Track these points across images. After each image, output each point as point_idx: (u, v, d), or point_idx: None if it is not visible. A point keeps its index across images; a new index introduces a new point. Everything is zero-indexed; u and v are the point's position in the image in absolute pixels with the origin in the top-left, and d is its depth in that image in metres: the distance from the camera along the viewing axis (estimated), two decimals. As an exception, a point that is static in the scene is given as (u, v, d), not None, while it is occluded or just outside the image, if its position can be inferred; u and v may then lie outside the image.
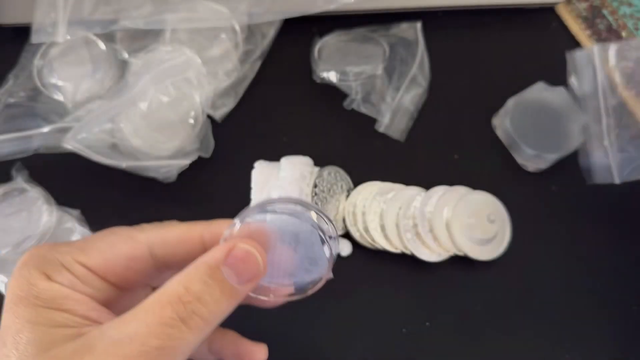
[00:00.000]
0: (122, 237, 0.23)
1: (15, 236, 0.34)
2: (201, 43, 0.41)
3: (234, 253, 0.20)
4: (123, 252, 0.22)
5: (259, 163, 0.39)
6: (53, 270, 0.20)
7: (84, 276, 0.21)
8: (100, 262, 0.21)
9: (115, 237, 0.23)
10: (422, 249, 0.36)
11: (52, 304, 0.19)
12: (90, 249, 0.22)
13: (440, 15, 0.45)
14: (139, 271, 0.22)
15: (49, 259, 0.21)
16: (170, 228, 0.23)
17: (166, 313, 0.18)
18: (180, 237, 0.23)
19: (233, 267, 0.20)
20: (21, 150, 0.38)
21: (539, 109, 0.39)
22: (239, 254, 0.20)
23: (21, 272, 0.20)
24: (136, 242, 0.22)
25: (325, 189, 0.37)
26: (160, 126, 0.38)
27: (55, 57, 0.40)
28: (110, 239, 0.23)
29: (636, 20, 0.45)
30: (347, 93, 0.41)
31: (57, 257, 0.21)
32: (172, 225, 0.23)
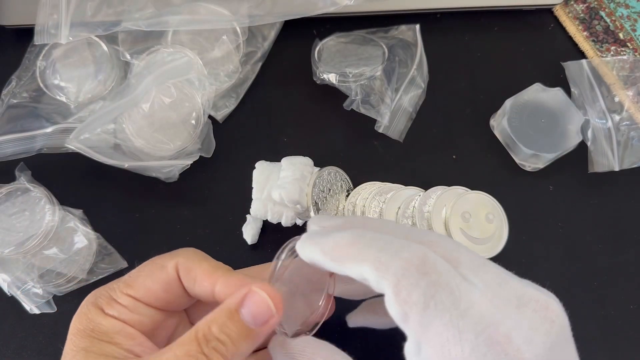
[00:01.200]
0: (157, 265, 0.26)
1: (18, 236, 0.35)
2: (203, 45, 0.41)
3: (250, 297, 0.22)
4: (160, 279, 0.25)
5: (260, 163, 0.39)
6: (106, 304, 0.24)
7: (132, 305, 0.24)
8: (143, 291, 0.25)
9: (152, 266, 0.26)
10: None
11: (104, 337, 0.23)
12: (133, 281, 0.25)
13: (439, 17, 0.46)
14: (176, 294, 0.26)
15: (102, 294, 0.25)
16: (196, 263, 0.25)
17: (193, 348, 0.21)
18: (201, 275, 0.25)
19: (249, 310, 0.22)
20: (24, 150, 0.38)
21: (536, 110, 0.40)
22: (255, 298, 0.22)
23: (82, 308, 0.24)
24: (167, 268, 0.25)
25: (325, 189, 0.38)
26: (162, 127, 0.38)
27: (58, 58, 0.40)
28: (149, 268, 0.26)
29: (633, 21, 0.45)
30: (346, 94, 0.42)
31: (109, 292, 0.25)
32: (199, 261, 0.25)
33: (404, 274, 0.19)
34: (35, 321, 0.36)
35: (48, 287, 0.36)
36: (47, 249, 0.35)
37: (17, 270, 0.35)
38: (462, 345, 0.18)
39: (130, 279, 0.25)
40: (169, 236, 0.39)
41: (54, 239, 0.35)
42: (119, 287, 0.25)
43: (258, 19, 0.41)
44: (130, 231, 0.39)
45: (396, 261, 0.20)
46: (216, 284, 0.24)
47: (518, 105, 0.40)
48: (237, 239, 0.38)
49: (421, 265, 0.20)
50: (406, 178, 0.39)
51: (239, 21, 0.41)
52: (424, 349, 0.19)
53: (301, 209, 0.37)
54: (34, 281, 0.35)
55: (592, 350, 0.35)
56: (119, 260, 0.38)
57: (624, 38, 0.45)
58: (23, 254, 0.35)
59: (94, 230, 0.38)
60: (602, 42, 0.45)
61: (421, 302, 0.19)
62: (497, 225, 0.37)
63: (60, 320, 0.36)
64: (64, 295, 0.37)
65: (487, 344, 0.18)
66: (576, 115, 0.40)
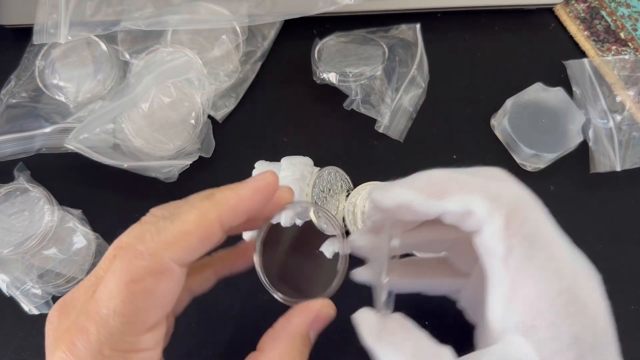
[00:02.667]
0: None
1: (17, 236, 0.35)
2: (202, 44, 0.41)
3: (321, 317, 0.24)
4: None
5: (260, 163, 0.39)
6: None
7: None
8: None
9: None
10: (422, 248, 0.37)
11: None
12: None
13: (439, 17, 0.46)
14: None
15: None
16: (184, 225, 0.23)
17: None
18: (199, 235, 0.23)
19: (317, 329, 0.24)
20: (23, 150, 0.38)
21: (537, 109, 0.40)
22: (325, 317, 0.24)
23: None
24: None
25: (325, 189, 0.38)
26: (161, 127, 0.38)
27: (57, 58, 0.40)
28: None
29: (634, 21, 0.45)
30: (346, 94, 0.41)
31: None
32: (182, 222, 0.22)
33: (516, 206, 0.20)
34: (34, 322, 0.36)
35: (47, 287, 0.36)
36: (46, 249, 0.35)
37: (16, 270, 0.35)
38: (553, 301, 0.19)
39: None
40: (169, 236, 0.39)
41: (53, 239, 0.35)
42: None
43: (258, 18, 0.41)
44: (130, 231, 0.39)
45: (507, 192, 0.21)
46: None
47: (519, 105, 0.40)
48: (236, 239, 0.38)
49: (528, 198, 0.21)
50: (406, 178, 0.39)
51: (239, 21, 0.40)
52: (517, 294, 0.19)
53: (301, 209, 0.37)
54: (33, 281, 0.35)
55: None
56: (118, 260, 0.38)
57: (624, 38, 0.45)
58: (22, 254, 0.35)
59: (93, 231, 0.38)
60: (603, 42, 0.44)
61: (530, 235, 0.19)
62: None
63: (60, 320, 0.36)
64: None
65: (569, 303, 0.19)
66: (577, 115, 0.40)
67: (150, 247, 0.20)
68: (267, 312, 0.36)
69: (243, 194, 0.23)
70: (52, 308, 0.22)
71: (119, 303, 0.19)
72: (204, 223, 0.22)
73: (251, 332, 0.36)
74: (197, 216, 0.21)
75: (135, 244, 0.20)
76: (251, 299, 0.36)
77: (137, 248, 0.20)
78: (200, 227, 0.21)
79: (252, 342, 0.36)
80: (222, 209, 0.22)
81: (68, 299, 0.22)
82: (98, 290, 0.20)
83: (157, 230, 0.21)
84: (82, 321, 0.20)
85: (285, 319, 0.25)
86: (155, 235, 0.21)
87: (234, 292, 0.36)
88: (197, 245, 0.22)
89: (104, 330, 0.19)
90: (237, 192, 0.23)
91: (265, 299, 0.27)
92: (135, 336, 0.20)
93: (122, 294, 0.19)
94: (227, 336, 0.35)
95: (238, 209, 0.23)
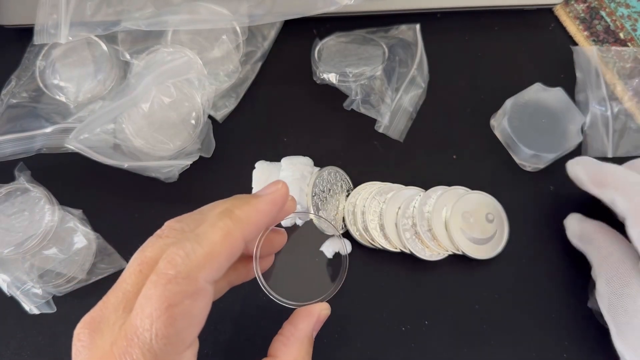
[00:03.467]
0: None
1: (17, 236, 0.35)
2: (202, 44, 0.41)
3: (320, 319, 0.27)
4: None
5: (260, 163, 0.39)
6: None
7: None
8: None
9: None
10: (421, 248, 0.37)
11: None
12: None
13: (439, 17, 0.46)
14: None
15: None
16: (208, 246, 0.23)
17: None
18: (225, 255, 0.23)
19: (317, 329, 0.28)
20: (24, 150, 0.38)
21: (537, 110, 0.40)
22: (324, 319, 0.28)
23: None
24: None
25: (325, 189, 0.38)
26: (161, 127, 0.38)
27: (58, 58, 0.40)
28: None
29: (634, 21, 0.45)
30: (346, 94, 0.41)
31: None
32: (205, 244, 0.23)
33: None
34: (34, 321, 0.36)
35: (47, 287, 0.36)
36: (47, 249, 0.35)
37: (16, 270, 0.35)
38: None
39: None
40: (169, 236, 0.39)
41: (53, 239, 0.35)
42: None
43: (258, 18, 0.41)
44: (130, 231, 0.39)
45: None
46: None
47: (518, 105, 0.40)
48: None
49: None
50: (406, 178, 0.39)
51: (239, 21, 0.41)
52: None
53: (301, 209, 0.37)
54: (33, 281, 0.35)
55: (593, 349, 0.35)
56: (118, 260, 0.38)
57: (624, 38, 0.45)
58: (22, 254, 0.35)
59: (93, 230, 0.38)
60: (603, 42, 0.44)
61: None
62: (498, 225, 0.37)
63: (60, 320, 0.36)
64: (64, 296, 0.37)
65: None
66: (577, 115, 0.40)
67: (183, 271, 0.21)
68: (267, 312, 0.36)
69: (262, 209, 0.24)
70: (80, 325, 0.22)
71: (160, 327, 0.20)
72: (230, 243, 0.22)
73: (251, 332, 0.36)
74: (222, 237, 0.22)
75: (165, 269, 0.21)
76: (251, 299, 0.36)
77: (168, 273, 0.21)
78: (227, 247, 0.22)
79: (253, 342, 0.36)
80: (245, 227, 0.23)
81: (96, 317, 0.22)
82: (135, 315, 0.21)
83: (186, 253, 0.21)
84: (124, 346, 0.20)
85: (292, 325, 0.27)
86: (185, 259, 0.21)
87: (235, 292, 0.36)
88: (225, 264, 0.23)
89: (149, 354, 0.20)
90: (256, 207, 0.24)
91: (266, 299, 0.28)
92: (177, 355, 0.21)
93: (162, 319, 0.20)
94: (227, 336, 0.36)
95: (258, 225, 0.24)
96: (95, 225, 0.38)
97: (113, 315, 0.22)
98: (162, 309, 0.20)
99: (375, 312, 0.36)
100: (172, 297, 0.20)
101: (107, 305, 0.22)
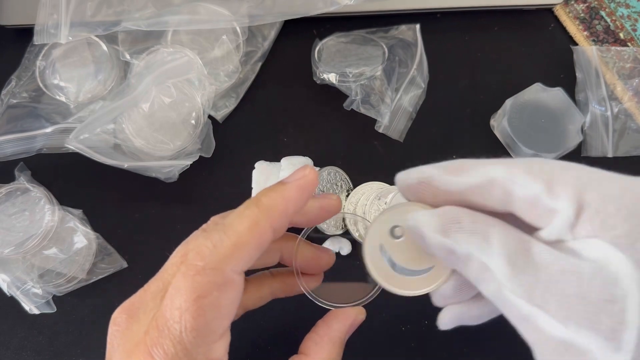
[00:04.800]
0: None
1: (18, 236, 0.35)
2: (202, 45, 0.41)
3: (355, 323, 0.27)
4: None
5: (260, 163, 0.39)
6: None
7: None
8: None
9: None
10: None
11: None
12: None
13: (439, 17, 0.46)
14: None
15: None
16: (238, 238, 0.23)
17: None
18: (255, 245, 0.23)
19: (350, 333, 0.27)
20: (24, 150, 0.38)
21: (537, 110, 0.40)
22: (358, 323, 0.27)
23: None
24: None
25: (325, 188, 0.38)
26: (162, 127, 0.38)
27: (58, 58, 0.40)
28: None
29: (634, 21, 0.45)
30: (346, 94, 0.41)
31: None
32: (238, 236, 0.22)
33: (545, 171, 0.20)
34: (34, 321, 0.36)
35: (48, 287, 0.36)
36: (47, 249, 0.35)
37: (16, 270, 0.35)
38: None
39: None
40: (169, 236, 0.39)
41: (53, 239, 0.35)
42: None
43: (258, 18, 0.41)
44: (130, 231, 0.39)
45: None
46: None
47: (518, 105, 0.40)
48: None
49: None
50: (406, 178, 0.39)
51: (239, 21, 0.41)
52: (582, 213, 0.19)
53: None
54: (33, 281, 0.35)
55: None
56: (118, 260, 0.38)
57: (624, 38, 0.45)
58: (23, 254, 0.35)
59: (93, 230, 0.38)
60: (603, 42, 0.44)
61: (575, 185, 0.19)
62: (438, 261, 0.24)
63: (60, 320, 0.36)
64: (64, 296, 0.37)
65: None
66: (577, 115, 0.40)
67: (211, 262, 0.21)
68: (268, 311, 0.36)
69: (289, 195, 0.23)
70: (118, 310, 0.22)
71: (189, 319, 0.20)
72: (258, 232, 0.22)
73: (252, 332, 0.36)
74: (249, 226, 0.22)
75: (193, 260, 0.21)
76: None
77: (197, 264, 0.21)
78: (254, 237, 0.22)
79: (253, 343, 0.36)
80: (272, 215, 0.22)
81: (136, 302, 0.22)
82: (165, 306, 0.20)
83: (214, 244, 0.21)
84: (156, 337, 0.20)
85: (326, 324, 0.26)
86: (213, 250, 0.21)
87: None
88: (254, 254, 0.22)
89: (179, 346, 0.20)
90: (283, 194, 0.23)
91: (298, 297, 0.28)
92: (208, 346, 0.21)
93: (191, 310, 0.20)
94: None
95: (287, 212, 0.23)
96: (96, 225, 0.38)
97: (151, 302, 0.21)
98: (191, 300, 0.20)
99: (375, 312, 0.36)
100: (201, 289, 0.20)
101: (147, 293, 0.22)
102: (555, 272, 0.18)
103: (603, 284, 0.18)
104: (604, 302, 0.17)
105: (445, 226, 0.20)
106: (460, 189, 0.21)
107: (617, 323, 0.17)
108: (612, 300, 0.17)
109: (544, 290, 0.18)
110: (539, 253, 0.19)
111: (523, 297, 0.18)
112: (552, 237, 0.20)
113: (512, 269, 0.19)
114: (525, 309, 0.19)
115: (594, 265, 0.18)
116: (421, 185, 0.23)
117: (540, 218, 0.20)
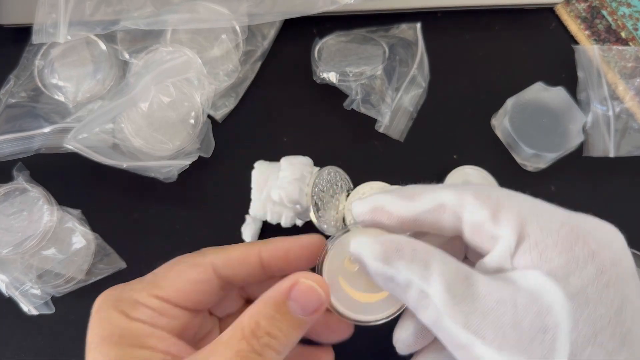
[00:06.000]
0: (188, 264, 0.24)
1: (16, 236, 0.35)
2: (202, 44, 0.41)
3: (298, 287, 0.21)
4: (192, 278, 0.24)
5: (259, 163, 0.39)
6: (131, 308, 0.22)
7: (160, 308, 0.23)
8: (173, 291, 0.23)
9: (182, 265, 0.24)
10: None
11: (135, 342, 0.21)
12: (161, 281, 0.23)
13: (440, 16, 0.45)
14: (208, 292, 0.24)
15: (125, 297, 0.22)
16: (230, 250, 0.25)
17: (242, 347, 0.20)
18: (240, 257, 0.25)
19: (297, 301, 0.21)
20: (22, 150, 0.38)
21: (538, 109, 0.40)
22: (303, 287, 0.21)
23: (100, 314, 0.22)
24: (201, 267, 0.24)
25: (325, 188, 0.37)
26: (161, 126, 0.38)
27: (57, 57, 0.40)
28: (178, 268, 0.24)
29: (635, 20, 0.45)
30: (347, 93, 0.41)
31: (132, 294, 0.23)
32: (232, 247, 0.25)
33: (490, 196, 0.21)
34: (33, 322, 0.36)
35: (46, 287, 0.35)
36: (46, 250, 0.35)
37: (15, 270, 0.35)
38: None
39: (156, 278, 0.24)
40: (168, 237, 0.38)
41: (52, 240, 0.35)
42: (145, 288, 0.23)
43: (258, 17, 0.41)
44: (129, 231, 0.39)
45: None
46: (261, 255, 0.25)
47: (519, 105, 0.40)
48: (236, 239, 0.38)
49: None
50: (407, 178, 0.39)
51: (239, 20, 0.40)
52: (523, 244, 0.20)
53: (301, 209, 0.36)
54: (32, 282, 0.35)
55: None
56: (117, 260, 0.37)
57: (625, 37, 0.45)
58: (21, 255, 0.35)
59: (92, 231, 0.37)
60: (604, 41, 0.44)
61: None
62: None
63: (59, 321, 0.36)
64: (63, 296, 0.37)
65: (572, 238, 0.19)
66: (578, 115, 0.39)
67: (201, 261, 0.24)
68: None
69: (287, 243, 0.25)
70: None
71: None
72: (245, 252, 0.24)
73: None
74: (241, 250, 0.25)
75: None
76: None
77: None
78: (242, 255, 0.24)
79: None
80: (263, 245, 0.25)
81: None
82: None
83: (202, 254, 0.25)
84: None
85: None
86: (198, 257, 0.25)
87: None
88: (237, 266, 0.24)
89: None
90: (282, 242, 0.25)
91: None
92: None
93: None
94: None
95: (279, 250, 0.25)
96: (94, 226, 0.38)
97: None
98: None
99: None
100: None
101: None
102: (492, 301, 0.18)
103: (537, 314, 0.18)
104: (536, 331, 0.18)
105: (386, 253, 0.20)
106: (413, 215, 0.22)
107: (549, 351, 0.18)
108: (544, 329, 0.18)
109: (481, 318, 0.18)
110: (478, 282, 0.19)
111: (460, 325, 0.19)
112: (493, 263, 0.20)
113: (451, 297, 0.19)
114: (462, 337, 0.19)
115: (529, 295, 0.18)
116: (376, 212, 0.23)
117: (484, 244, 0.21)
